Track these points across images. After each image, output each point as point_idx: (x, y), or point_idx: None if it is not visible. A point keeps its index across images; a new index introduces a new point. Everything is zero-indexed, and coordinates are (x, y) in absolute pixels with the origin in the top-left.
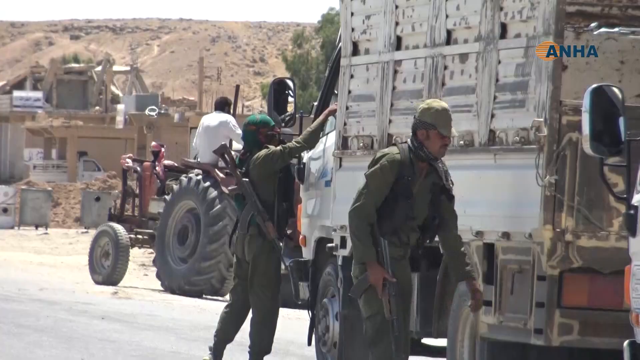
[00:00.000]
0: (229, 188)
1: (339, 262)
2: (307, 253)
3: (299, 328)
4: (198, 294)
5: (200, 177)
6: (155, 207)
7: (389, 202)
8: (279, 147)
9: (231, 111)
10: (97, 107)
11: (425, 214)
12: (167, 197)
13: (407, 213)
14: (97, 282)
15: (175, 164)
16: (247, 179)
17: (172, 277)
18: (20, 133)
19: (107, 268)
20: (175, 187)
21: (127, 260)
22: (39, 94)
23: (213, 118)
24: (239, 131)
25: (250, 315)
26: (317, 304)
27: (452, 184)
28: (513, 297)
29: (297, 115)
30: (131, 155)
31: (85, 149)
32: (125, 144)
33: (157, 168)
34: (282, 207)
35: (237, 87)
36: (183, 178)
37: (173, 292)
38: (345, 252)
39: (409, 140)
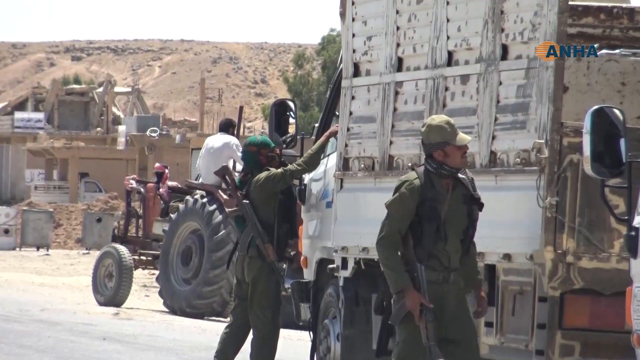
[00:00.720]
0: (229, 210)
1: (340, 283)
2: (309, 274)
3: (300, 349)
4: (208, 310)
5: (205, 199)
6: (159, 228)
7: (416, 228)
8: (280, 170)
9: (235, 133)
10: (99, 128)
11: (464, 227)
12: (173, 216)
13: (436, 236)
14: (101, 303)
15: (179, 185)
16: (247, 201)
17: (174, 297)
18: (21, 154)
19: (111, 289)
20: (181, 206)
21: (131, 282)
22: (40, 115)
23: (217, 139)
24: None
25: (250, 336)
26: (319, 324)
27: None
28: (514, 318)
29: (298, 137)
30: (135, 176)
31: (86, 170)
32: (127, 165)
33: (160, 189)
34: (282, 228)
35: (241, 108)
36: (189, 198)
37: (174, 311)
38: (346, 273)
39: (426, 163)
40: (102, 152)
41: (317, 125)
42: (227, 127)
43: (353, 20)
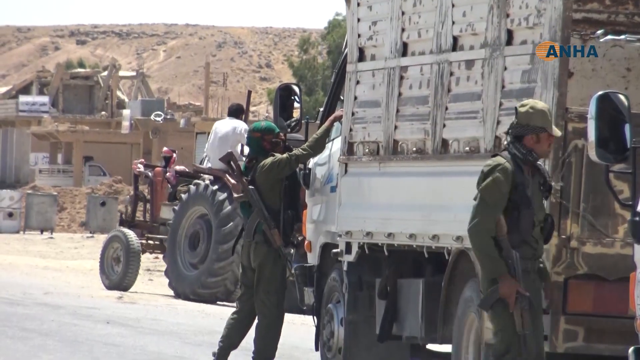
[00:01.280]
0: (236, 196)
1: (344, 268)
2: (312, 258)
3: (304, 333)
4: (211, 298)
5: (216, 186)
6: (167, 212)
7: (512, 214)
8: (285, 155)
9: (243, 117)
10: (103, 112)
11: (544, 214)
12: (183, 197)
13: (532, 221)
14: (108, 287)
15: (187, 170)
16: (253, 187)
17: (180, 281)
18: (26, 137)
19: (118, 273)
20: (192, 188)
21: (138, 266)
22: (45, 99)
23: (225, 124)
24: None
25: (256, 321)
26: (322, 309)
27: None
28: None
29: (303, 121)
30: (143, 160)
31: (91, 153)
32: (131, 149)
33: (168, 173)
34: (287, 214)
35: (249, 92)
36: (200, 182)
37: (178, 294)
38: (350, 258)
39: (511, 147)
40: (106, 135)
41: (322, 109)
42: (236, 112)
43: (358, 5)
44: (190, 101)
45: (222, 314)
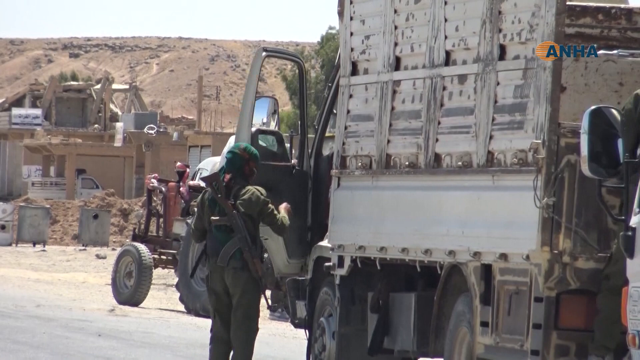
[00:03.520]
0: (214, 218)
1: (337, 281)
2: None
3: (295, 347)
4: None
5: None
6: (179, 227)
7: None
8: (280, 216)
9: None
10: (96, 125)
11: None
12: (192, 217)
13: None
14: (120, 302)
15: (201, 185)
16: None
17: (194, 298)
18: (18, 150)
19: (130, 288)
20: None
21: (150, 281)
22: (37, 112)
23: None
24: None
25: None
26: (314, 322)
27: None
28: (510, 318)
29: (286, 135)
30: (156, 175)
31: (83, 166)
32: (124, 162)
33: (181, 188)
34: (259, 243)
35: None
36: None
37: (196, 312)
38: (342, 272)
39: None
40: (99, 149)
41: (315, 123)
42: None
43: (351, 19)
44: (183, 114)
45: None
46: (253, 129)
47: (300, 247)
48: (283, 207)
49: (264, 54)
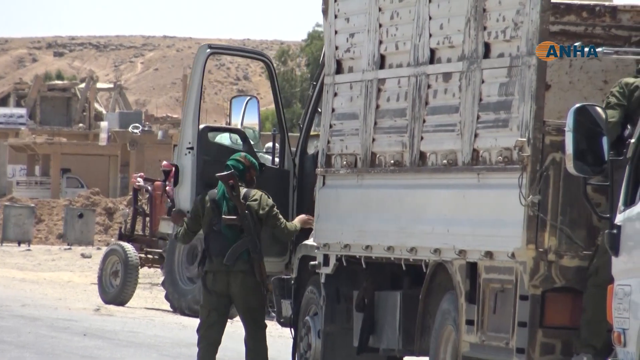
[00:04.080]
0: (226, 217)
1: (322, 280)
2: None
3: (281, 346)
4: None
5: None
6: (166, 226)
7: None
8: (284, 221)
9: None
10: (81, 124)
11: None
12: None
13: None
14: (106, 302)
15: None
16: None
17: (180, 296)
18: (3, 149)
19: (116, 287)
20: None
21: (137, 280)
22: (22, 111)
23: None
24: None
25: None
26: (300, 321)
27: None
28: (495, 316)
29: (271, 133)
30: (142, 174)
31: (68, 165)
32: (109, 161)
33: (167, 187)
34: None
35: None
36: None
37: (181, 311)
38: (328, 270)
39: None
40: (84, 148)
41: (299, 122)
42: None
43: (335, 17)
44: (168, 113)
45: None
46: (201, 126)
47: (276, 246)
48: (300, 219)
49: (208, 50)
